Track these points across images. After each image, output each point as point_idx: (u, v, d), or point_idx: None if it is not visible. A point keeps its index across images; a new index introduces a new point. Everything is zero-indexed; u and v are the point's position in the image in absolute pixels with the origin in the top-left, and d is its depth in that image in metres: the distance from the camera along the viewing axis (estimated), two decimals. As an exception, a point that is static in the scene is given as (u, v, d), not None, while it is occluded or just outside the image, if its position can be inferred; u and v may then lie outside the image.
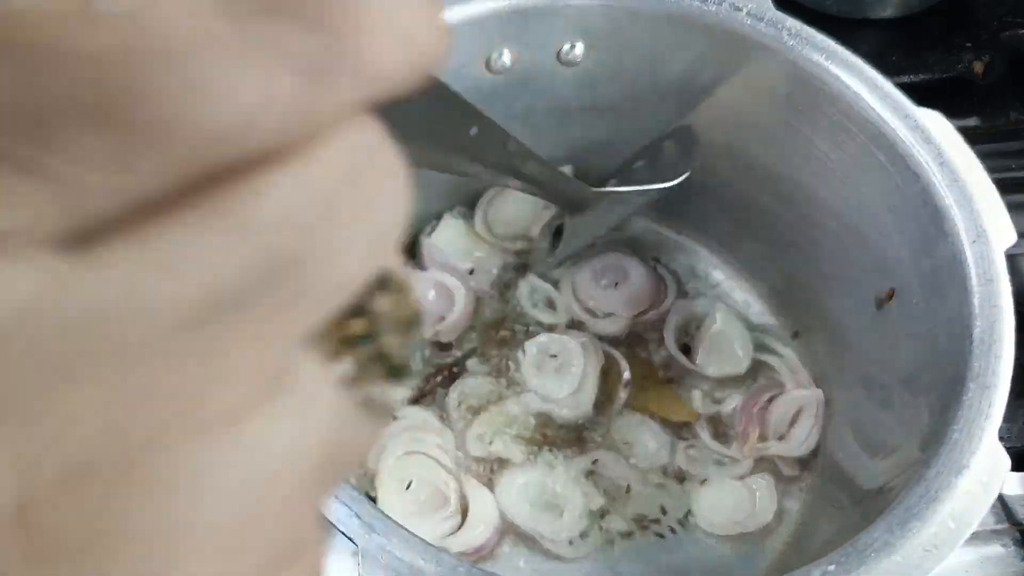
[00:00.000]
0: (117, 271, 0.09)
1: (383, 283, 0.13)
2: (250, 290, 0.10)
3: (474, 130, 0.19)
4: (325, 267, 0.11)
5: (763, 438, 0.56)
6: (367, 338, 0.13)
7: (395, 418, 0.54)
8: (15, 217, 0.09)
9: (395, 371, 0.13)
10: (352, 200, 0.11)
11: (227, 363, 0.10)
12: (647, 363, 0.59)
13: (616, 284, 0.61)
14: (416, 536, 0.34)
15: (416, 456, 0.53)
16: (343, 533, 0.33)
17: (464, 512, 0.52)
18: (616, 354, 0.58)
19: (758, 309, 0.63)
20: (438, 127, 0.15)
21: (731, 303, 0.63)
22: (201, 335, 0.10)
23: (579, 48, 0.52)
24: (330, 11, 0.10)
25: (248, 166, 0.10)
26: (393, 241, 0.12)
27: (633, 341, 0.60)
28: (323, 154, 0.11)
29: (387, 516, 0.34)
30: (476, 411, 0.57)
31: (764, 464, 0.56)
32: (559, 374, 0.57)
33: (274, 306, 0.10)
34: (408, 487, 0.52)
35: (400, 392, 0.13)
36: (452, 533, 0.51)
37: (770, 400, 0.57)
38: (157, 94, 0.09)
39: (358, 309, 0.13)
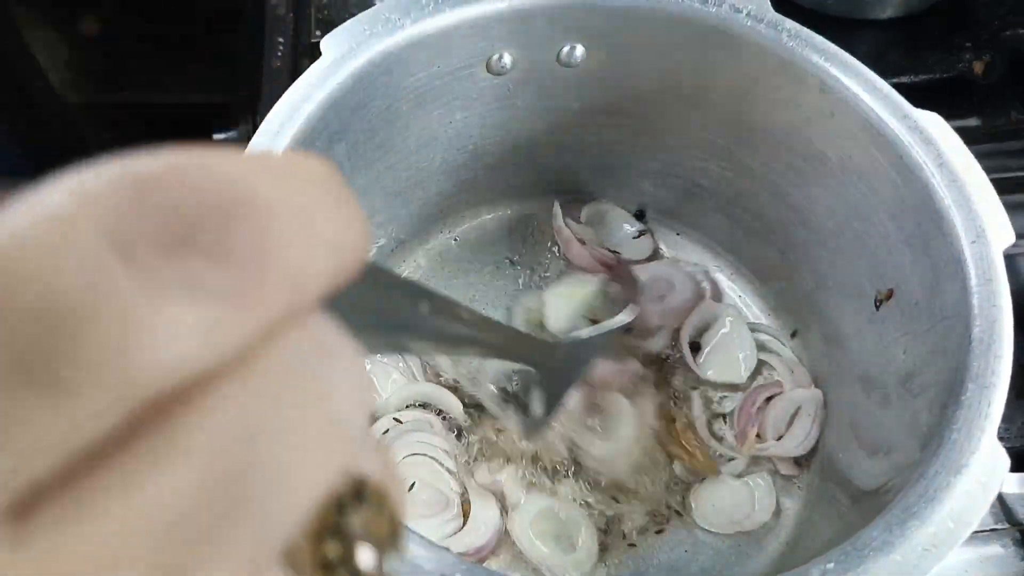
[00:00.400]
0: (49, 548, 0.09)
1: (356, 495, 0.12)
2: (202, 520, 0.10)
3: (424, 307, 0.18)
4: (279, 480, 0.11)
5: (761, 438, 0.56)
6: (340, 560, 0.12)
7: (400, 421, 0.54)
8: None
9: None
10: (299, 403, 0.11)
11: None
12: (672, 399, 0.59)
13: (662, 297, 0.61)
14: (417, 534, 0.34)
15: (420, 458, 0.53)
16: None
17: (465, 514, 0.52)
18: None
19: (757, 309, 0.63)
20: (385, 311, 0.15)
21: (730, 303, 0.63)
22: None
23: (579, 50, 0.52)
24: (237, 239, 0.10)
25: (186, 393, 0.10)
26: (360, 441, 0.12)
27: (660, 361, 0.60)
28: (262, 365, 0.11)
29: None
30: (492, 441, 0.56)
31: (763, 463, 0.56)
32: (605, 433, 0.55)
33: (231, 530, 0.10)
34: (411, 488, 0.52)
35: None
36: (453, 534, 0.51)
37: (768, 400, 0.57)
38: (76, 350, 0.09)
39: (332, 526, 0.12)
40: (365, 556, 0.12)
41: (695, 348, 0.60)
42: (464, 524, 0.52)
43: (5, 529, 0.09)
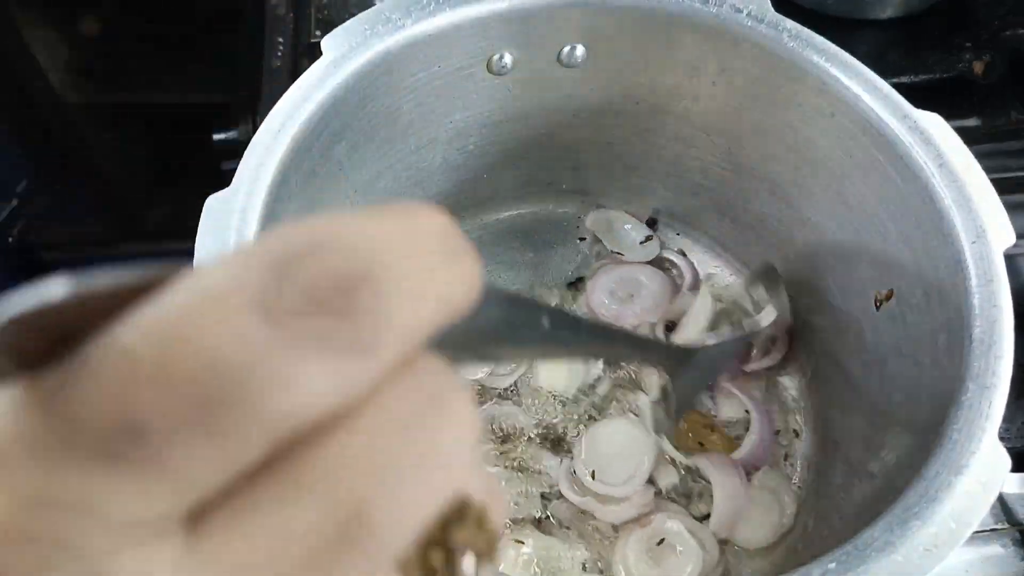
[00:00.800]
0: (218, 559, 0.12)
1: (460, 513, 0.14)
2: (327, 544, 0.12)
3: (545, 321, 0.19)
4: (396, 507, 0.13)
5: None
6: (446, 568, 0.14)
7: None
8: (142, 509, 0.12)
9: None
10: (415, 438, 0.13)
11: None
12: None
13: (631, 296, 0.61)
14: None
15: None
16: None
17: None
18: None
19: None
20: (511, 328, 0.17)
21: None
22: None
23: (579, 50, 0.52)
24: (358, 303, 0.13)
25: (320, 430, 0.13)
26: (466, 465, 0.14)
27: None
28: (382, 407, 0.13)
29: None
30: (503, 439, 0.56)
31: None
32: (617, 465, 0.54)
33: (351, 552, 0.13)
34: None
35: None
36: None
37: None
38: (230, 401, 0.12)
39: (438, 539, 0.14)
40: (466, 564, 0.14)
41: (671, 328, 0.60)
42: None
43: (182, 535, 0.12)
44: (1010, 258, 0.43)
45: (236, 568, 0.12)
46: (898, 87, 0.47)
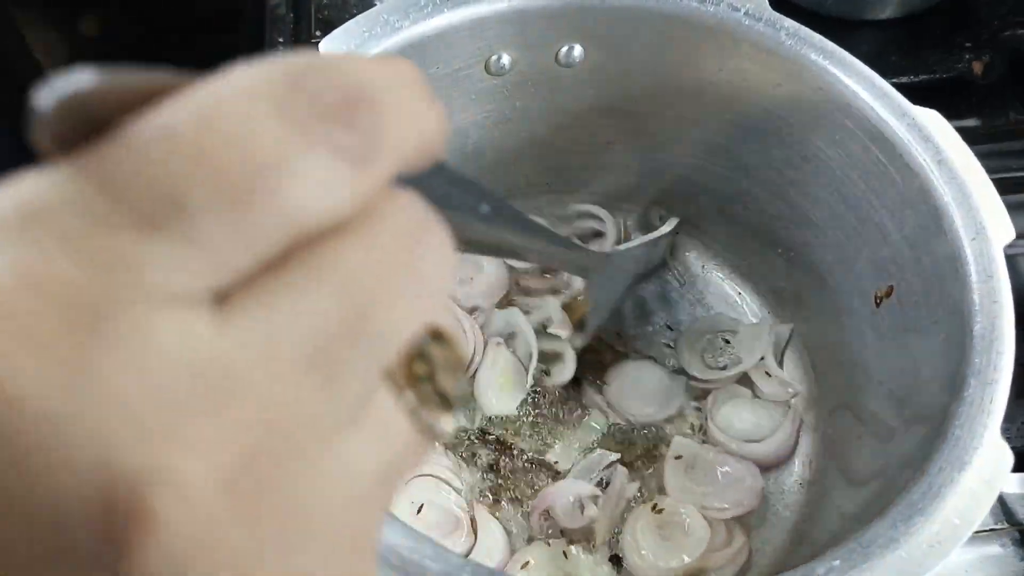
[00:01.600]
0: (245, 332, 0.13)
1: (436, 335, 0.16)
2: (333, 337, 0.14)
3: (484, 208, 0.20)
4: (391, 314, 0.14)
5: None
6: (425, 377, 0.16)
7: None
8: (179, 279, 0.13)
9: (446, 403, 0.17)
10: (406, 260, 0.15)
11: (327, 396, 0.14)
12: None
13: (472, 278, 0.61)
14: (423, 535, 0.34)
15: (426, 479, 0.52)
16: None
17: (474, 533, 0.51)
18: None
19: (756, 308, 0.63)
20: (449, 203, 0.18)
21: (727, 301, 0.63)
22: (307, 375, 0.13)
23: (577, 50, 0.52)
24: (362, 118, 0.14)
25: (324, 236, 0.14)
26: (443, 296, 0.16)
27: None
28: (380, 223, 0.14)
29: (393, 515, 0.34)
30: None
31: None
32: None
33: (353, 349, 0.14)
34: (419, 511, 0.50)
35: (447, 420, 0.17)
36: (465, 555, 0.50)
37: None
38: (258, 186, 0.13)
39: (418, 354, 0.16)
40: (441, 378, 0.16)
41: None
42: (475, 543, 0.51)
43: (211, 310, 0.13)
44: (1010, 258, 0.43)
45: (257, 343, 0.13)
46: (898, 87, 0.47)
